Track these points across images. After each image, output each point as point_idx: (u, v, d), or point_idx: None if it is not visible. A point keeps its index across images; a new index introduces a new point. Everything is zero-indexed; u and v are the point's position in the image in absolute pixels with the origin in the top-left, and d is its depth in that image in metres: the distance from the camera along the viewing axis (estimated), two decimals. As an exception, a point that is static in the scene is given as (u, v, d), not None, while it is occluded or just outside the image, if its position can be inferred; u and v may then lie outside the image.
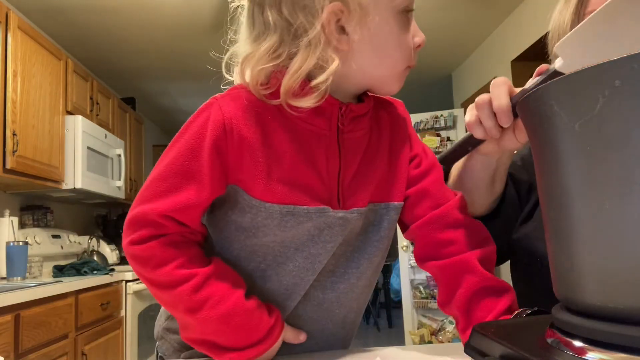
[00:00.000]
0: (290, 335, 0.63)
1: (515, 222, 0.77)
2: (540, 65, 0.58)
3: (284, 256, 0.62)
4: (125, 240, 0.58)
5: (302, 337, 0.64)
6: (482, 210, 0.75)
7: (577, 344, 0.36)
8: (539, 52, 0.68)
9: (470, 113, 0.63)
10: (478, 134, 0.62)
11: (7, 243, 2.28)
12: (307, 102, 0.56)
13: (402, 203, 0.68)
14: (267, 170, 0.58)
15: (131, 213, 0.58)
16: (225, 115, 0.57)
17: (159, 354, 0.73)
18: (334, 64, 0.56)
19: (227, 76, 0.62)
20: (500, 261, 0.82)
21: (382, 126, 0.68)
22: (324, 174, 0.61)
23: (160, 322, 0.74)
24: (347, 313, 0.68)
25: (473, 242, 0.65)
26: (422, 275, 3.68)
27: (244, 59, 0.59)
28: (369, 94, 0.66)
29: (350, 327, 0.71)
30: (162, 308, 0.74)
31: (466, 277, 0.63)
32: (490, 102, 0.60)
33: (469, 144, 0.67)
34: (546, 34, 0.77)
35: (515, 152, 0.73)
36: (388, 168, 0.67)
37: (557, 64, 0.54)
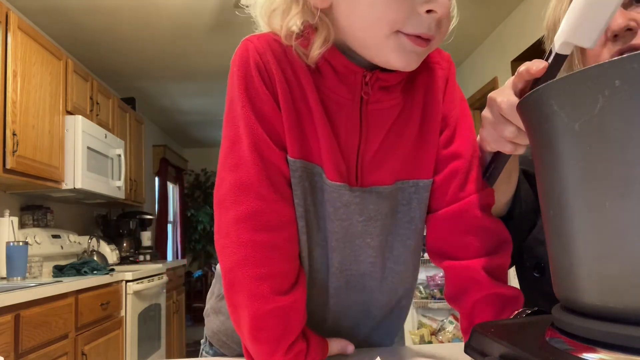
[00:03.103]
0: (336, 347, 0.62)
1: (534, 215, 0.73)
2: (529, 65, 0.51)
3: (310, 227, 0.61)
4: (228, 212, 0.54)
5: (349, 349, 0.63)
6: (499, 210, 0.70)
7: (577, 344, 0.36)
8: (539, 52, 0.66)
9: (487, 133, 0.58)
10: (508, 150, 0.57)
11: (7, 243, 2.28)
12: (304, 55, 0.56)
13: (432, 180, 0.62)
14: (296, 122, 0.57)
15: (228, 181, 0.55)
16: (262, 58, 0.57)
17: (205, 332, 0.74)
18: (291, 11, 0.56)
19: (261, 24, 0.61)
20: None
21: (416, 94, 0.62)
22: (343, 146, 0.59)
23: (210, 301, 0.73)
24: (390, 298, 0.67)
25: (487, 248, 0.62)
26: (422, 275, 3.68)
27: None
28: None
29: (397, 313, 0.70)
30: (210, 290, 0.74)
31: (472, 283, 0.61)
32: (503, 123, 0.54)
33: (504, 159, 0.62)
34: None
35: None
36: (418, 142, 0.62)
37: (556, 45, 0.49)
